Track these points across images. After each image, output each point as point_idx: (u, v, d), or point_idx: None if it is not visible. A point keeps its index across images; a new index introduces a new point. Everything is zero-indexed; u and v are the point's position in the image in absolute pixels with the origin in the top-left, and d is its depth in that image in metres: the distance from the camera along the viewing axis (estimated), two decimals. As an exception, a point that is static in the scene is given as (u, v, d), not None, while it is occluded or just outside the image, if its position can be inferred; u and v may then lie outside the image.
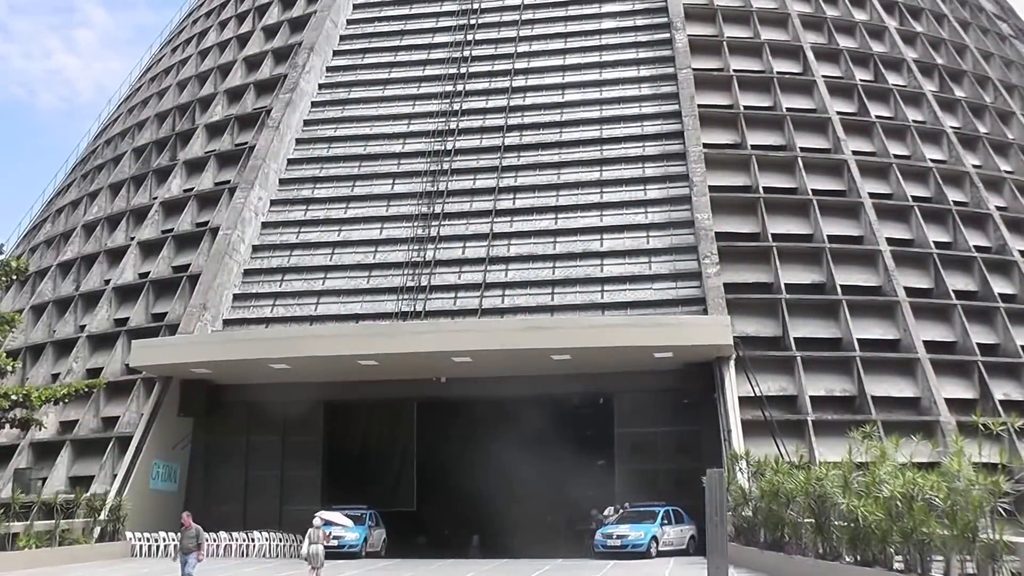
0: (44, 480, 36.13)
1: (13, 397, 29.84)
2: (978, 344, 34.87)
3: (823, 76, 43.25)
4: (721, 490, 20.97)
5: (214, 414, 36.77)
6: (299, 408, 37.00)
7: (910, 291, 35.86)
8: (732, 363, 32.08)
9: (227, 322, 38.30)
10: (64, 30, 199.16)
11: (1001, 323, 35.98)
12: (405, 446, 38.14)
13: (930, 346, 34.42)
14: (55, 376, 40.60)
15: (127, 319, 40.70)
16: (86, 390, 33.79)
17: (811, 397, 32.63)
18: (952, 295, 36.15)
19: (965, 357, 34.59)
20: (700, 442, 32.56)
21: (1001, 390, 33.87)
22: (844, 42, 45.48)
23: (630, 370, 33.84)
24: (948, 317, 35.90)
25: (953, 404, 32.67)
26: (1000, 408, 32.38)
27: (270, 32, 50.98)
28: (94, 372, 39.27)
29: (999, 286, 37.22)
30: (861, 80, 43.69)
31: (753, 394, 31.79)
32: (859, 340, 34.01)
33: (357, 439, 39.06)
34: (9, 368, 31.20)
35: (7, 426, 32.46)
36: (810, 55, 44.04)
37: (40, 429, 34.09)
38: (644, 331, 31.94)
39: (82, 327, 42.14)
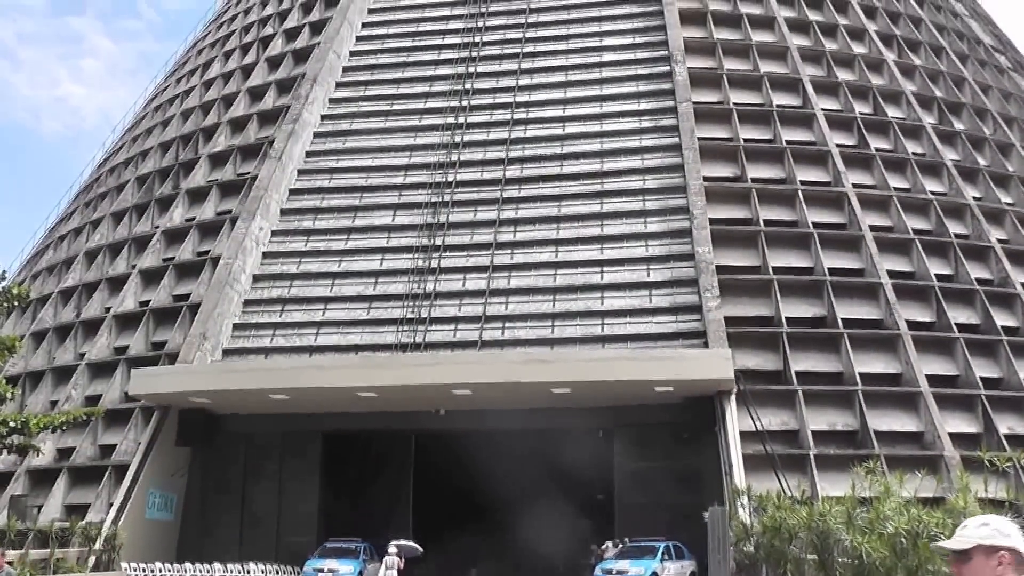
0: (40, 508, 35.88)
1: (11, 424, 29.60)
2: (981, 378, 34.60)
3: (823, 109, 43.35)
4: (723, 526, 20.84)
5: (212, 444, 36.58)
6: (297, 439, 36.88)
7: (912, 324, 35.71)
8: (733, 397, 31.92)
9: (227, 352, 38.19)
10: (71, 59, 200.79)
11: (1004, 356, 35.75)
12: (403, 478, 37.94)
13: (932, 380, 34.19)
14: (54, 403, 40.42)
15: (127, 347, 40.56)
16: (84, 418, 33.53)
17: (813, 431, 32.38)
18: (954, 328, 35.95)
19: (968, 391, 34.33)
20: (701, 476, 32.40)
21: (1005, 424, 33.58)
22: (843, 75, 45.64)
23: (630, 403, 33.69)
24: (950, 350, 35.68)
25: (957, 438, 32.38)
26: (1005, 442, 32.12)
27: (274, 63, 51.25)
28: (93, 400, 39.08)
29: (1001, 319, 37.02)
30: (860, 113, 43.79)
31: (754, 428, 31.56)
32: (861, 374, 33.79)
33: (355, 470, 38.87)
34: (8, 395, 30.99)
35: (4, 452, 32.22)
36: (809, 88, 44.17)
37: (37, 455, 33.86)
38: (645, 365, 31.79)
39: (82, 354, 42.01)
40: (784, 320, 35.13)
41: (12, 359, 36.52)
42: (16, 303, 32.10)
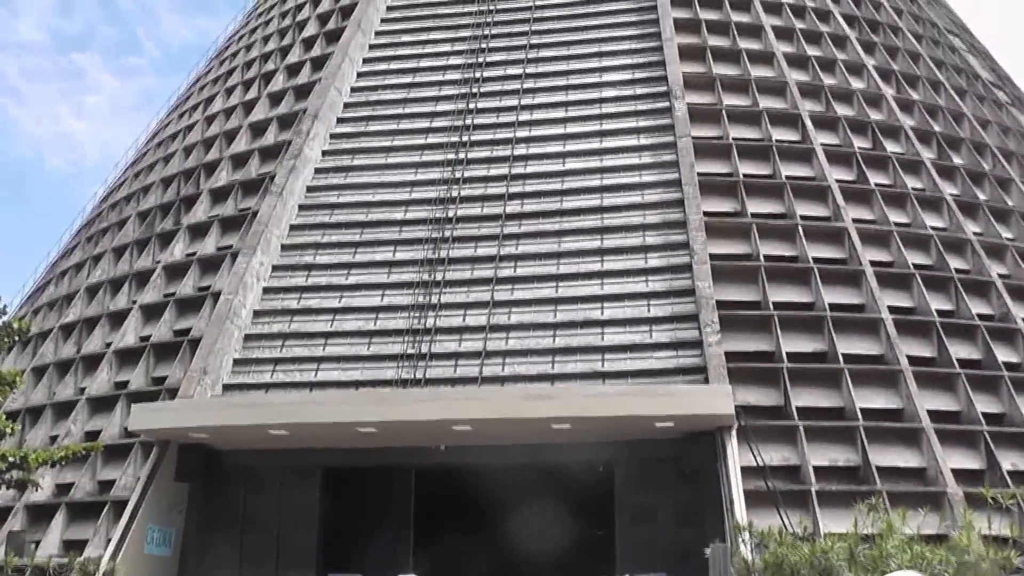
0: (38, 543, 35.67)
1: (10, 458, 29.69)
2: (983, 413, 34.41)
3: (822, 144, 43.48)
4: (725, 563, 20.73)
5: (211, 479, 36.42)
6: (297, 474, 36.74)
7: (913, 359, 35.60)
8: (734, 432, 31.79)
9: (227, 387, 38.13)
10: (74, 95, 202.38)
11: (1006, 392, 35.59)
12: (403, 513, 37.81)
13: (934, 415, 34.04)
14: (53, 438, 40.31)
15: (127, 382, 40.51)
16: (83, 453, 33.56)
17: (814, 467, 32.18)
18: (955, 364, 35.86)
19: (970, 427, 34.17)
20: (702, 512, 32.19)
21: (1008, 460, 33.37)
22: (842, 110, 45.84)
23: (631, 438, 33.62)
24: (952, 386, 35.53)
25: (960, 475, 32.17)
26: (1008, 479, 32.05)
27: (275, 99, 51.53)
28: (92, 435, 38.99)
29: (1003, 354, 36.91)
30: (860, 148, 43.92)
31: (755, 464, 31.43)
32: (862, 409, 33.65)
33: (355, 506, 38.72)
34: (8, 430, 31.05)
35: (2, 487, 32.21)
36: (808, 123, 44.35)
37: (36, 490, 33.82)
38: (645, 400, 31.73)
39: (82, 389, 41.93)
40: (784, 355, 35.06)
41: (12, 394, 36.55)
42: (17, 338, 32.26)
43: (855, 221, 40.20)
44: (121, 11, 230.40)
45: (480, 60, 49.97)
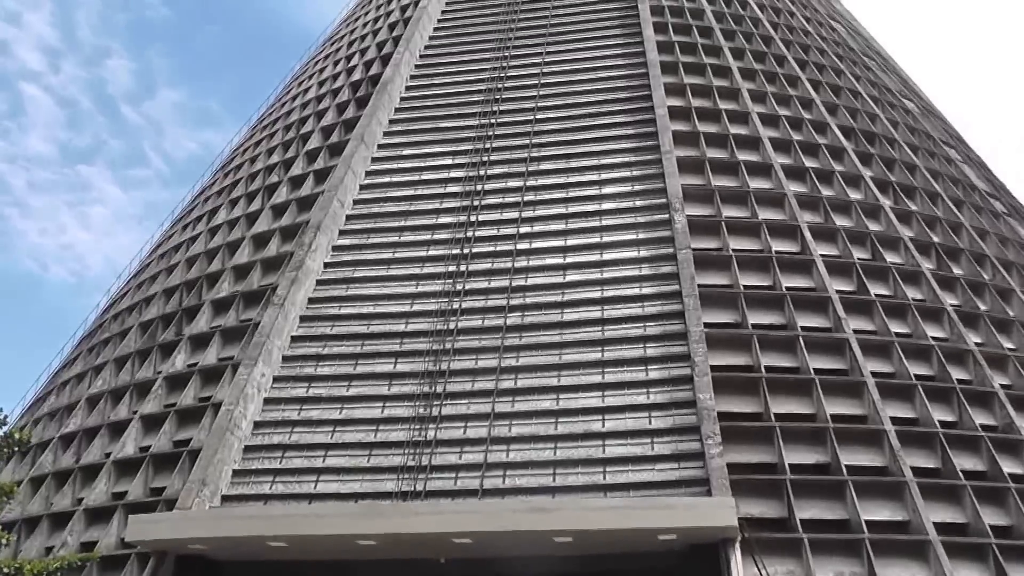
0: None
1: (5, 570, 29.49)
2: (991, 526, 34.05)
3: (821, 255, 43.84)
4: None
5: (207, 591, 35.95)
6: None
7: (917, 471, 35.32)
8: (738, 545, 31.44)
9: (226, 498, 37.80)
10: (79, 207, 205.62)
11: (1013, 504, 35.17)
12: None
13: (941, 527, 33.60)
14: (49, 549, 39.91)
15: (125, 493, 40.22)
16: (79, 564, 33.29)
17: (821, 581, 31.78)
18: (960, 475, 35.58)
19: (978, 539, 33.71)
20: (707, 628, 31.66)
21: (1018, 574, 32.86)
22: (840, 221, 46.32)
23: (634, 551, 33.18)
24: (958, 498, 35.17)
25: (969, 590, 31.81)
26: (1019, 593, 31.66)
27: (278, 211, 52.27)
28: (89, 546, 38.57)
29: (1008, 466, 36.58)
30: (859, 259, 44.27)
31: (760, 578, 31.03)
32: (867, 522, 33.29)
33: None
34: (3, 540, 30.89)
35: (-3, 599, 31.88)
36: (807, 234, 44.78)
37: (30, 602, 33.38)
38: (647, 513, 31.48)
39: (79, 500, 41.64)
40: (787, 467, 34.84)
41: (9, 504, 36.32)
42: (17, 448, 32.26)
43: (856, 332, 40.33)
44: (128, 124, 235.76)
45: (481, 173, 50.78)
